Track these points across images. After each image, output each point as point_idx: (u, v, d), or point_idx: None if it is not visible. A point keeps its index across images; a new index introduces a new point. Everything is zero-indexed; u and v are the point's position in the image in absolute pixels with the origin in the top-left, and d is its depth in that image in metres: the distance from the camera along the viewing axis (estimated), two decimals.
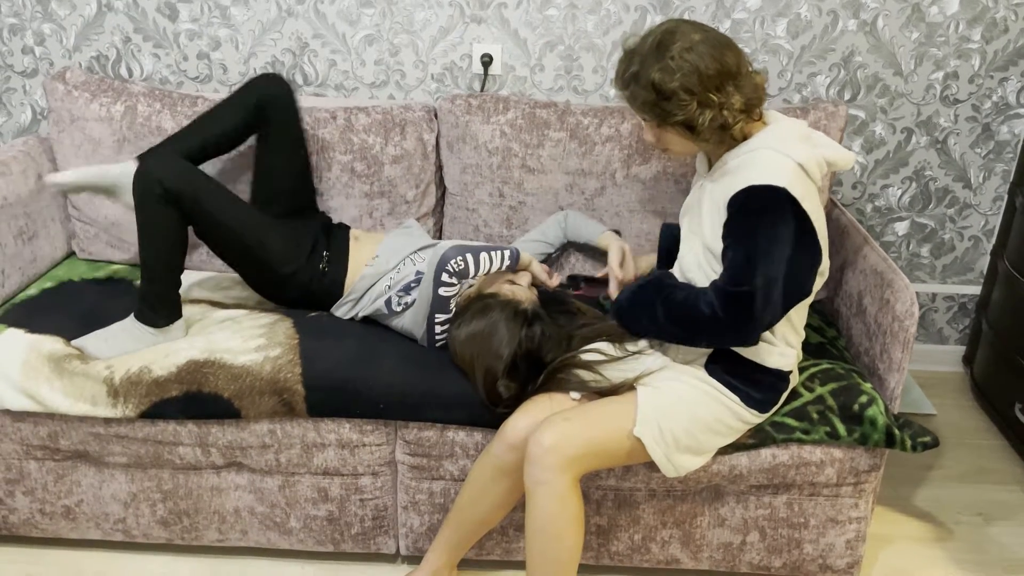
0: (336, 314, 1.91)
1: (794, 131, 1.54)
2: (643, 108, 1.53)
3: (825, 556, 1.80)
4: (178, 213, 1.71)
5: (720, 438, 1.62)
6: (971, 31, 2.25)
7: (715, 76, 1.46)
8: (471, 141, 2.06)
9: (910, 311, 1.65)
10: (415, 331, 1.81)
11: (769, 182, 1.45)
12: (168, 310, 1.77)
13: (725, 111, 1.48)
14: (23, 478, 1.82)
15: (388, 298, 1.83)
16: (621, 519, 1.78)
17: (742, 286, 1.46)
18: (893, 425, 1.65)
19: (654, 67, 1.47)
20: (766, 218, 1.46)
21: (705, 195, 1.59)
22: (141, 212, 1.70)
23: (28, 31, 2.29)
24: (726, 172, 1.54)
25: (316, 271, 1.88)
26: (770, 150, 1.50)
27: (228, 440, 1.74)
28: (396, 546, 1.87)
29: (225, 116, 1.90)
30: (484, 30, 2.26)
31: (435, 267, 1.69)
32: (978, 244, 2.51)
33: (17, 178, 2.03)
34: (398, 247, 1.92)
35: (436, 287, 1.70)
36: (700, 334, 1.54)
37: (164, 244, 1.73)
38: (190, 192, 1.69)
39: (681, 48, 1.46)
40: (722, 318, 1.48)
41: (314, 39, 2.28)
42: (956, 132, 2.37)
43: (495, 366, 1.65)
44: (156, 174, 1.67)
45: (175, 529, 1.85)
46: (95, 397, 1.68)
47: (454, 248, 1.70)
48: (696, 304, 1.51)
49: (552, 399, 1.64)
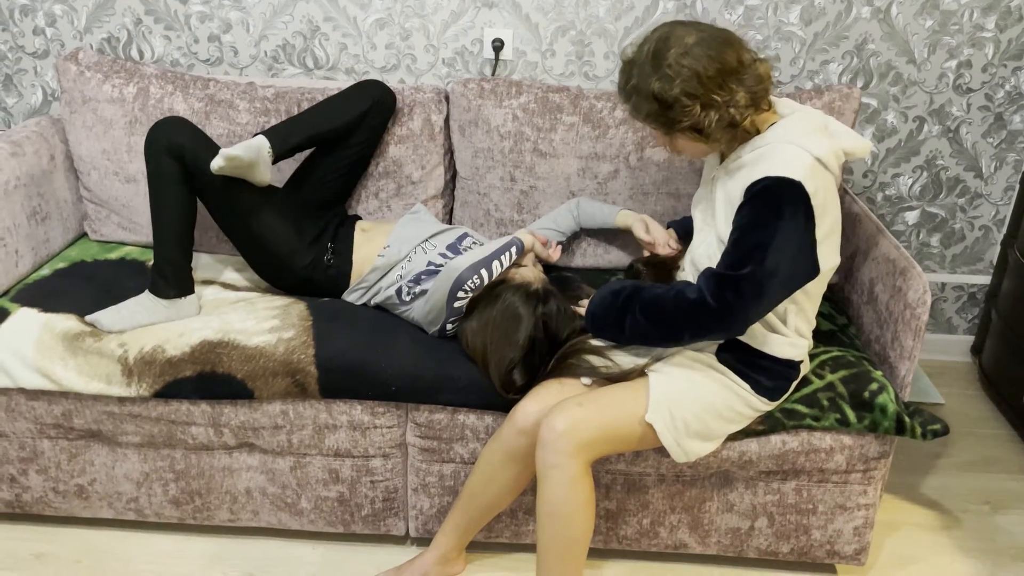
0: (347, 300, 1.92)
1: (810, 122, 1.52)
2: (648, 119, 1.52)
3: (833, 542, 1.80)
4: (181, 168, 1.75)
5: (730, 424, 1.62)
6: (985, 19, 2.24)
7: (715, 76, 1.45)
8: (483, 125, 2.06)
9: (922, 299, 1.65)
10: (422, 323, 1.81)
11: (786, 174, 1.44)
12: (180, 282, 1.79)
13: (731, 109, 1.47)
14: (36, 456, 1.83)
15: (399, 287, 1.84)
16: (630, 503, 1.79)
17: (740, 270, 1.45)
18: (903, 412, 1.66)
19: (652, 77, 1.46)
20: (779, 210, 1.44)
21: (718, 188, 1.58)
22: (149, 165, 1.76)
23: (39, 12, 2.29)
24: (741, 165, 1.53)
25: (319, 262, 1.89)
26: (787, 144, 1.48)
27: (241, 420, 1.75)
28: (406, 528, 1.88)
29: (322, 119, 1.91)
30: (496, 14, 2.25)
31: (450, 287, 1.68)
32: (988, 234, 2.50)
33: (30, 158, 2.03)
34: (408, 236, 1.92)
35: (451, 302, 1.70)
36: (682, 324, 1.51)
37: (172, 205, 1.76)
38: (191, 147, 1.74)
39: (677, 54, 1.45)
40: (710, 304, 1.46)
41: (325, 22, 2.27)
42: (968, 121, 2.36)
43: (510, 353, 1.65)
44: (164, 127, 1.75)
45: (187, 509, 1.87)
46: (109, 376, 1.69)
47: (469, 269, 1.68)
48: (680, 293, 1.50)
49: (562, 384, 1.64)
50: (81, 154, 2.11)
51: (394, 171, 2.10)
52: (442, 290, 1.70)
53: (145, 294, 1.79)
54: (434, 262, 1.85)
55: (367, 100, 1.94)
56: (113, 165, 2.10)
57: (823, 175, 1.48)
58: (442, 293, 1.70)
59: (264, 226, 1.83)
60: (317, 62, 2.32)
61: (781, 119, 1.54)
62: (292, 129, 1.87)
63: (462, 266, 1.69)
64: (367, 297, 1.90)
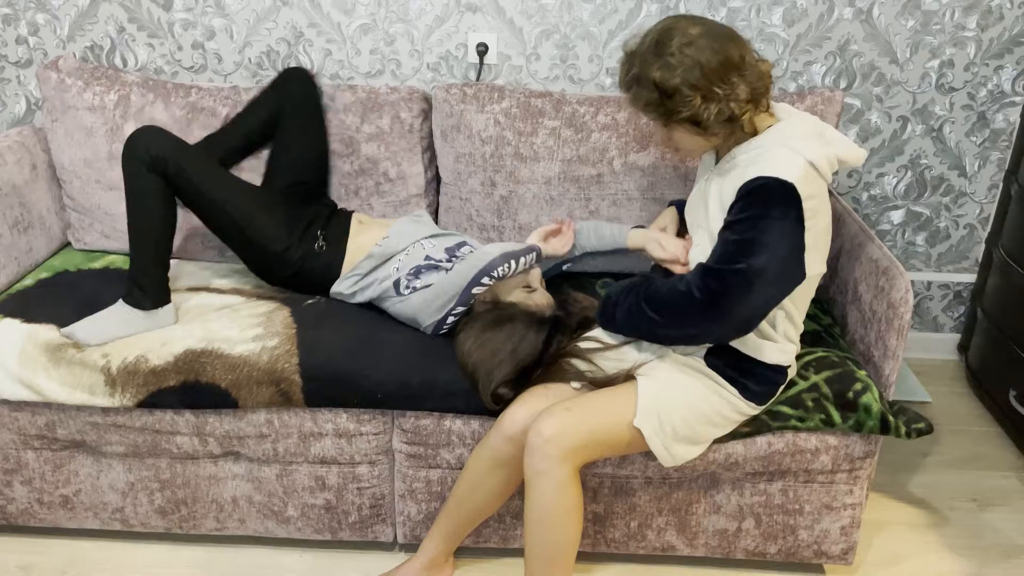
0: (337, 290, 1.89)
1: (806, 127, 1.52)
2: (647, 108, 1.51)
3: (820, 542, 1.81)
4: (163, 182, 1.75)
5: (717, 429, 1.62)
6: (966, 19, 2.25)
7: (718, 68, 1.44)
8: (465, 130, 2.06)
9: (905, 298, 1.65)
10: (419, 316, 1.78)
11: (780, 175, 1.44)
12: (156, 292, 1.78)
13: (731, 103, 1.46)
14: (20, 468, 1.82)
15: (397, 280, 1.82)
16: (617, 506, 1.79)
17: (729, 265, 1.45)
18: (888, 412, 1.66)
19: (654, 66, 1.46)
20: (771, 210, 1.44)
21: (712, 189, 1.58)
22: (128, 180, 1.75)
23: (22, 21, 2.28)
24: (735, 166, 1.53)
25: (310, 251, 1.89)
26: (782, 147, 1.48)
27: (225, 430, 1.74)
28: (394, 534, 1.88)
29: (249, 116, 2.01)
30: (480, 19, 2.25)
31: (478, 271, 1.67)
32: (973, 232, 2.51)
33: (11, 168, 2.02)
34: (408, 232, 1.92)
35: (472, 286, 1.69)
36: (671, 315, 1.51)
37: (151, 218, 1.75)
38: (175, 159, 1.73)
39: (680, 44, 1.44)
40: (696, 297, 1.46)
41: (309, 28, 2.27)
42: (951, 120, 2.37)
43: (506, 373, 1.64)
44: (144, 139, 1.73)
45: (173, 518, 1.86)
46: (92, 386, 1.68)
47: (501, 257, 1.68)
48: (674, 284, 1.51)
49: (549, 389, 1.64)
50: (63, 162, 2.11)
51: (370, 168, 2.11)
52: (466, 274, 1.69)
53: (120, 304, 1.77)
54: (433, 257, 1.84)
55: (276, 87, 2.03)
56: (95, 173, 2.09)
57: (816, 180, 1.48)
58: (465, 277, 1.69)
59: (253, 224, 1.83)
60: None
61: (778, 122, 1.54)
62: (221, 134, 1.98)
63: (494, 253, 1.68)
64: (358, 287, 1.88)
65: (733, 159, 1.54)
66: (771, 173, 1.44)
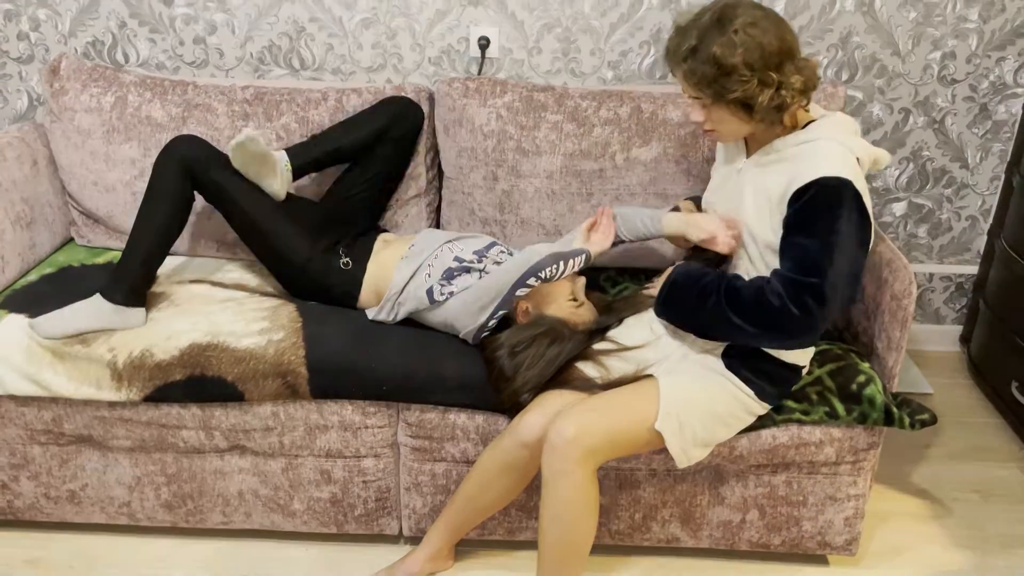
0: (377, 317, 1.85)
1: (849, 124, 1.53)
2: (700, 84, 1.47)
3: (824, 533, 1.82)
4: (188, 189, 1.78)
5: (729, 430, 1.63)
6: (968, 10, 2.25)
7: (776, 54, 1.42)
8: (467, 124, 2.06)
9: (908, 290, 1.66)
10: (459, 320, 1.74)
11: (839, 174, 1.43)
12: (135, 293, 1.77)
13: (784, 91, 1.44)
14: (28, 463, 1.83)
15: (430, 288, 1.79)
16: (622, 499, 1.80)
17: (812, 277, 1.42)
18: (891, 403, 1.67)
19: (716, 41, 1.42)
20: (838, 212, 1.42)
21: (747, 180, 1.56)
22: (153, 176, 1.78)
23: (23, 17, 2.28)
24: (781, 159, 1.51)
25: (334, 266, 1.88)
26: (831, 141, 1.47)
27: (231, 423, 1.75)
28: (399, 527, 1.88)
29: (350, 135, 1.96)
30: (481, 12, 2.25)
31: (527, 270, 1.66)
32: (975, 224, 2.52)
33: (12, 164, 2.02)
34: (434, 237, 1.92)
35: (518, 286, 1.66)
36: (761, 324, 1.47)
37: (155, 220, 1.76)
38: (205, 160, 1.78)
39: (744, 23, 1.42)
40: (793, 311, 1.42)
41: (311, 23, 2.27)
42: (953, 112, 2.37)
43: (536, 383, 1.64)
44: (183, 142, 1.79)
45: (179, 512, 1.87)
46: (99, 381, 1.69)
47: (549, 257, 1.67)
48: (760, 292, 1.46)
49: (563, 396, 1.63)
50: (63, 163, 2.11)
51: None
52: (514, 272, 1.67)
53: (96, 296, 1.74)
54: (462, 258, 1.82)
55: (385, 116, 1.97)
56: (92, 175, 2.09)
57: (861, 176, 1.48)
58: (513, 275, 1.67)
59: (277, 234, 1.84)
60: (303, 63, 2.31)
61: (820, 117, 1.54)
62: (312, 144, 1.93)
63: (543, 252, 1.68)
64: (396, 310, 1.84)
65: (776, 152, 1.52)
66: (831, 172, 1.43)
